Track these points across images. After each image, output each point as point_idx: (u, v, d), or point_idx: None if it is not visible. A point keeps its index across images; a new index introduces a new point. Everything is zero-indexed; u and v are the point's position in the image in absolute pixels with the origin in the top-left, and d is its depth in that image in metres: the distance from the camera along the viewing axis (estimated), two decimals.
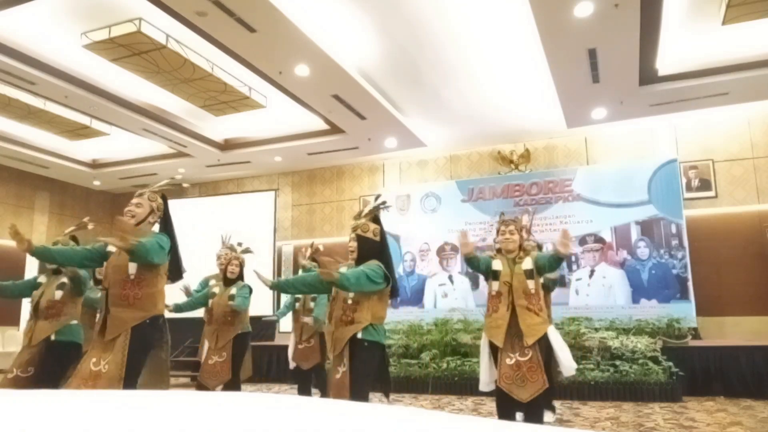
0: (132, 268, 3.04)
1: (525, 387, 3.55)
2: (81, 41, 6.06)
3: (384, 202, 3.73)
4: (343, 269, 3.31)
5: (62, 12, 5.76)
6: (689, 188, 8.14)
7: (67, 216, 11.58)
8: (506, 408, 3.68)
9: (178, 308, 4.98)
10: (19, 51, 6.45)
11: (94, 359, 2.97)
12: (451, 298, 8.86)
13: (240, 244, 5.43)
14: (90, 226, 4.43)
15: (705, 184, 8.10)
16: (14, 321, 10.31)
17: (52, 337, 3.95)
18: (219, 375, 4.84)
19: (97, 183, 11.63)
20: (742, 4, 5.27)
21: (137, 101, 7.87)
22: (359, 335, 3.23)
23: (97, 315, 3.12)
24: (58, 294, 4.01)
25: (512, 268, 3.79)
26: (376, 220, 3.59)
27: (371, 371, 3.29)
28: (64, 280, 4.04)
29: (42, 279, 4.20)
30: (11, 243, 3.92)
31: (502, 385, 3.62)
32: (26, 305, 10.45)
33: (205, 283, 5.56)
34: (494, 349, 3.77)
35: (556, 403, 5.29)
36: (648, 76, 6.82)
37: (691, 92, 7.13)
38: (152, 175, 10.82)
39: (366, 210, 3.65)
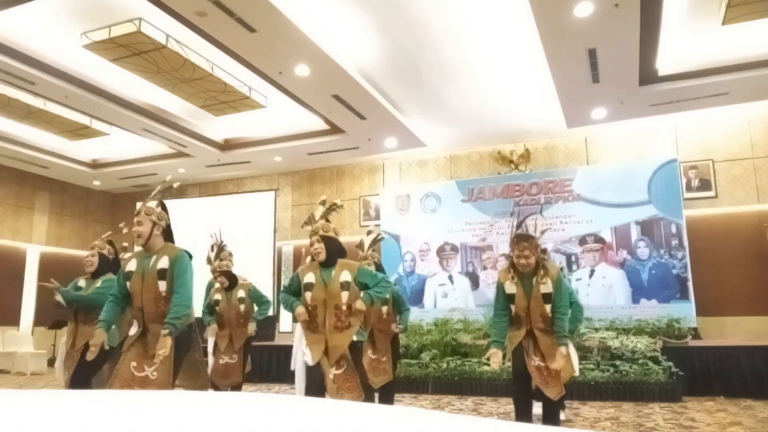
0: (162, 285, 3.16)
1: (549, 388, 3.60)
2: (81, 41, 6.06)
3: (334, 204, 3.74)
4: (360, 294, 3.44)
5: (62, 12, 5.76)
6: (689, 188, 8.14)
7: (67, 216, 11.59)
8: (525, 394, 3.68)
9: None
10: (19, 51, 6.45)
11: (134, 363, 3.05)
12: (451, 298, 8.86)
13: (223, 245, 5.31)
14: (124, 231, 4.54)
15: (705, 184, 8.10)
16: (14, 321, 10.31)
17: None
18: (230, 376, 4.93)
19: (97, 183, 11.63)
20: (742, 4, 5.27)
21: (137, 101, 7.87)
22: (353, 338, 3.40)
23: (132, 329, 3.29)
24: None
25: (529, 291, 3.63)
26: (328, 220, 3.66)
27: (362, 367, 3.58)
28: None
29: (82, 283, 4.36)
30: (11, 243, 3.92)
31: (536, 383, 3.65)
32: (27, 305, 10.49)
33: (208, 289, 5.52)
34: (518, 347, 3.79)
35: None
36: (648, 76, 6.82)
37: (691, 92, 7.13)
38: (152, 175, 10.83)
39: (319, 213, 3.65)
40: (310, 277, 3.44)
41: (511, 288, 3.68)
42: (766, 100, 7.55)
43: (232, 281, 5.08)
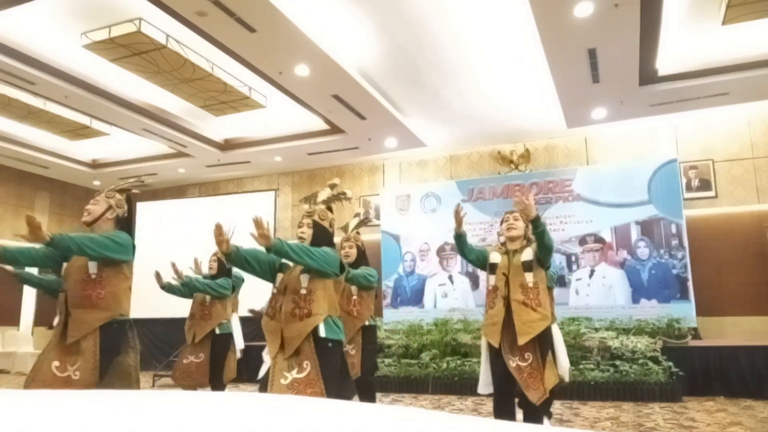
0: (92, 267, 2.90)
1: (529, 391, 3.32)
2: (81, 41, 6.06)
3: (343, 193, 3.31)
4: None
5: (62, 12, 5.76)
6: (689, 188, 8.14)
7: (67, 216, 11.59)
8: (504, 408, 3.41)
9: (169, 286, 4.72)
10: (19, 51, 6.45)
11: (56, 363, 2.79)
12: (451, 298, 8.86)
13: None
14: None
15: (705, 184, 8.10)
16: (14, 321, 10.31)
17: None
18: (192, 376, 4.60)
19: (97, 183, 11.62)
20: (742, 4, 5.27)
21: (137, 101, 7.87)
22: (321, 333, 2.81)
23: (56, 318, 2.97)
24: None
25: (511, 260, 3.49)
26: (330, 209, 3.23)
27: (336, 376, 2.87)
28: None
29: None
30: (11, 243, 3.86)
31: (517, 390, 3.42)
32: (27, 305, 10.48)
33: None
34: (496, 350, 3.48)
35: (557, 403, 5.29)
36: (648, 76, 6.82)
37: (691, 92, 7.13)
38: (152, 175, 10.82)
39: (323, 196, 3.23)
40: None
41: (495, 257, 3.55)
42: (766, 100, 7.55)
43: (221, 270, 4.87)
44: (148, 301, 9.38)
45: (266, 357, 2.98)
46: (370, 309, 4.19)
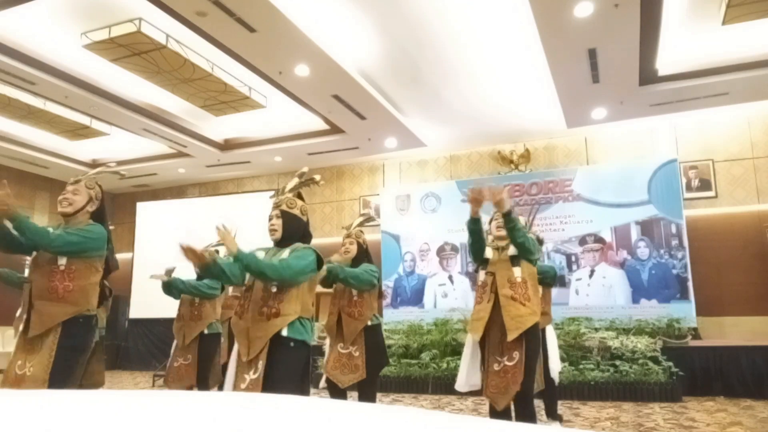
0: (62, 258, 2.76)
1: (506, 394, 3.20)
2: (81, 41, 6.06)
3: (311, 178, 3.06)
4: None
5: (62, 12, 5.76)
6: (689, 188, 8.14)
7: None
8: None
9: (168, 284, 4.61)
10: (19, 51, 6.45)
11: (19, 362, 2.68)
12: (451, 298, 8.86)
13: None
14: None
15: (705, 184, 8.10)
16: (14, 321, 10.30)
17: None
18: (183, 378, 4.54)
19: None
20: (742, 4, 5.27)
21: (137, 101, 7.87)
22: (284, 332, 2.59)
23: (18, 310, 2.83)
24: None
25: (500, 255, 3.44)
26: (300, 196, 3.01)
27: (295, 378, 2.64)
28: None
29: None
30: None
31: (489, 396, 3.28)
32: None
33: None
34: (482, 350, 3.41)
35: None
36: (648, 76, 6.82)
37: (691, 92, 7.13)
38: (152, 175, 10.83)
39: (291, 185, 3.02)
40: (260, 252, 2.82)
41: (488, 253, 3.48)
42: (766, 100, 7.55)
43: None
44: (148, 301, 9.42)
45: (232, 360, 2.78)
46: (372, 308, 3.96)
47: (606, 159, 8.70)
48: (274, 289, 2.64)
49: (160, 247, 9.69)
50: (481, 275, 3.48)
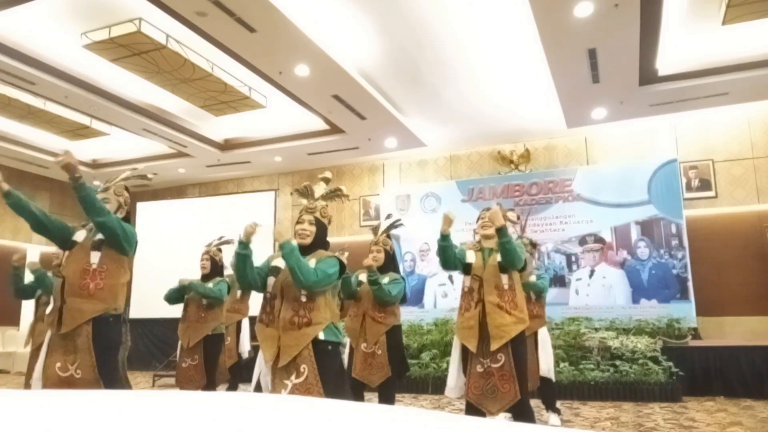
0: (94, 257, 2.86)
1: (496, 398, 3.13)
2: (81, 41, 6.06)
3: (339, 190, 3.12)
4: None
5: (62, 12, 5.75)
6: (689, 188, 8.14)
7: (67, 216, 11.58)
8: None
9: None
10: (19, 51, 6.45)
11: (58, 364, 2.75)
12: (451, 298, 8.86)
13: (221, 237, 5.17)
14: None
15: (705, 184, 8.10)
16: (14, 321, 10.31)
17: None
18: (193, 379, 4.57)
19: (97, 183, 11.58)
20: (742, 4, 5.27)
21: (137, 101, 7.87)
22: (320, 336, 2.63)
23: (48, 307, 2.93)
24: None
25: (486, 260, 3.35)
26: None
27: (338, 379, 2.74)
28: None
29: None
30: (11, 243, 3.86)
31: (471, 398, 3.21)
32: (27, 305, 10.47)
33: None
34: (466, 353, 3.36)
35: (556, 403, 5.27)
36: (648, 76, 6.82)
37: (691, 92, 7.13)
38: (152, 175, 10.81)
39: (321, 191, 3.03)
40: (278, 261, 2.74)
41: (471, 257, 3.43)
42: (766, 100, 7.55)
43: (213, 270, 4.83)
44: (148, 301, 9.39)
45: (258, 364, 2.81)
46: (396, 315, 4.20)
47: (606, 159, 8.70)
48: (304, 299, 2.66)
49: (160, 247, 9.70)
50: (467, 281, 3.44)
